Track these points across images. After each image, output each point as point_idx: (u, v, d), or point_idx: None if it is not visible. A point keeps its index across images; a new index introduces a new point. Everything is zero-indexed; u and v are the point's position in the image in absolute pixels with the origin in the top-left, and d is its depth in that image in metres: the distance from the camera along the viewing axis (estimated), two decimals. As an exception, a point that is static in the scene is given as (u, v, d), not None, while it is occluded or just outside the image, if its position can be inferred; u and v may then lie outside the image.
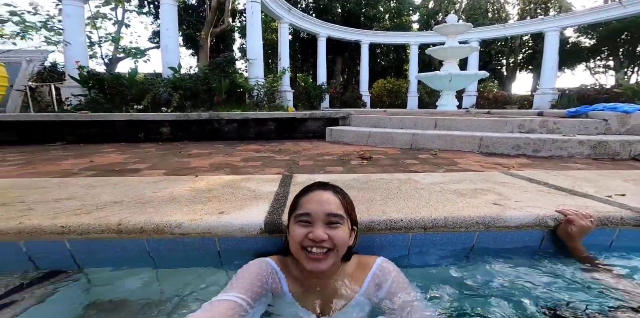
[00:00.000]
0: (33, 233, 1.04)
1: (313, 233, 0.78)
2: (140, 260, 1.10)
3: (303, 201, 0.85)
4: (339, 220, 0.81)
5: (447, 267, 1.14)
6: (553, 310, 0.86)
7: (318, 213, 0.80)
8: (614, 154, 2.73)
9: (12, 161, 2.83)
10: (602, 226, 1.15)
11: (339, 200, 0.85)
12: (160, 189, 1.48)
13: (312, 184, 0.92)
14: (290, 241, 0.84)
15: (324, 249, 0.78)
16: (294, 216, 0.84)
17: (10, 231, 1.03)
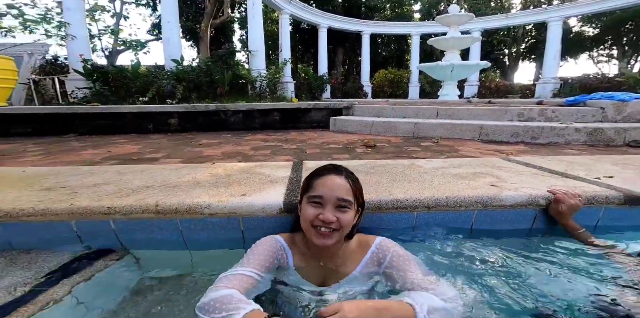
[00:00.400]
0: (83, 213, 1.15)
1: (323, 215, 0.87)
2: (174, 239, 1.22)
3: (317, 183, 0.92)
4: (348, 205, 0.90)
5: (449, 243, 1.25)
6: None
7: (330, 197, 0.88)
8: (609, 141, 2.85)
9: (35, 152, 2.96)
10: (589, 205, 1.27)
11: (349, 186, 0.92)
12: (183, 175, 1.60)
13: (326, 166, 1.00)
14: (302, 219, 0.93)
15: (331, 228, 0.88)
16: (307, 196, 0.92)
17: (63, 212, 1.15)
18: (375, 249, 0.98)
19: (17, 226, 1.16)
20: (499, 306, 0.93)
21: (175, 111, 4.53)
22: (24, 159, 2.62)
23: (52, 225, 1.17)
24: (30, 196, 1.27)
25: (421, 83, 13.95)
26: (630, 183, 1.39)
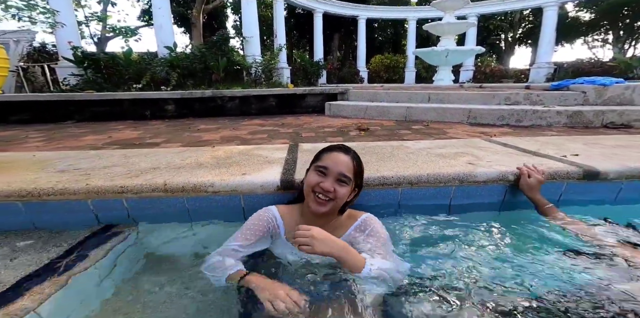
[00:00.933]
0: (98, 192, 1.26)
1: (324, 183, 1.01)
2: (181, 216, 1.35)
3: (325, 156, 1.06)
4: (347, 181, 1.03)
5: (430, 216, 1.41)
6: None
7: (333, 169, 1.02)
8: (588, 123, 3.00)
9: (37, 138, 3.05)
10: (553, 180, 1.41)
11: (352, 165, 1.05)
12: (186, 158, 1.71)
13: (337, 145, 1.12)
14: (306, 183, 1.07)
15: (327, 197, 1.02)
16: (315, 165, 1.07)
17: (80, 191, 1.26)
18: (360, 222, 1.13)
19: (38, 205, 1.26)
20: (470, 274, 1.08)
21: (172, 97, 4.58)
22: (28, 145, 2.71)
23: (70, 203, 1.27)
24: (47, 177, 1.37)
25: (417, 68, 13.91)
26: (592, 160, 1.53)
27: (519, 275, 1.06)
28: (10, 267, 1.02)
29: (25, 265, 1.03)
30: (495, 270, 1.09)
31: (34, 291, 0.90)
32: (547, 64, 11.04)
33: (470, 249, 1.22)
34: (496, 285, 1.00)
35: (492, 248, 1.22)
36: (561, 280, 1.03)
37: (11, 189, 1.23)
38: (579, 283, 1.00)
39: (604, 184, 1.44)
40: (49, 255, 1.10)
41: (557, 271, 1.07)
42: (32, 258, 1.08)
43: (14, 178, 1.37)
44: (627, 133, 2.69)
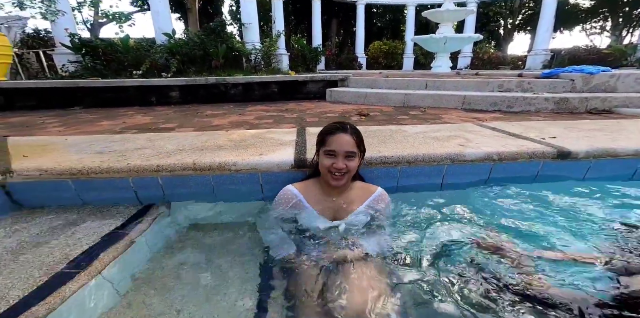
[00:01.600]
0: (138, 171, 1.42)
1: (336, 164, 1.21)
2: (207, 192, 1.54)
3: (329, 140, 1.23)
4: (354, 155, 1.23)
5: (425, 191, 1.64)
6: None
7: (340, 151, 1.21)
8: (573, 109, 3.21)
9: (54, 123, 3.19)
10: (530, 159, 1.62)
11: (354, 140, 1.23)
12: (205, 141, 1.88)
13: (335, 125, 1.26)
14: (321, 166, 1.27)
15: (342, 173, 1.23)
16: (324, 150, 1.24)
17: (122, 169, 1.42)
18: (377, 195, 1.36)
19: (86, 183, 1.43)
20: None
21: (177, 84, 4.69)
22: (49, 129, 2.85)
23: (113, 181, 1.44)
24: (90, 158, 1.53)
25: (416, 54, 13.85)
26: (566, 142, 1.74)
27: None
28: (75, 238, 1.18)
29: (89, 235, 1.21)
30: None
31: (101, 258, 1.07)
32: (544, 51, 11.08)
33: (458, 219, 1.44)
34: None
35: (478, 217, 1.45)
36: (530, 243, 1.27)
37: (62, 168, 1.40)
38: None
39: (575, 163, 1.66)
40: (106, 227, 1.27)
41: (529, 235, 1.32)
42: (93, 229, 1.25)
43: (59, 158, 1.53)
44: (607, 117, 2.91)
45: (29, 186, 1.41)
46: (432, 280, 1.09)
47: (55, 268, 1.00)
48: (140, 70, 5.55)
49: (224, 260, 1.30)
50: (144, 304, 1.07)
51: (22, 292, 0.89)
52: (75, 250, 1.10)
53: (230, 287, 1.15)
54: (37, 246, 1.13)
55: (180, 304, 1.07)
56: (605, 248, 1.20)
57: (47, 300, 0.85)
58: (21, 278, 0.95)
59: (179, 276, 1.21)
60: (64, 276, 0.96)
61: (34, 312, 0.82)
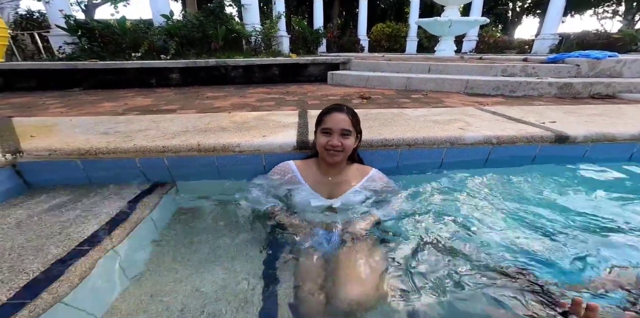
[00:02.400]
0: (144, 151, 1.45)
1: (331, 141, 1.24)
2: (211, 173, 1.57)
3: (326, 119, 1.27)
4: (349, 133, 1.26)
5: (425, 174, 1.67)
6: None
7: (335, 128, 1.24)
8: (576, 94, 3.20)
9: (55, 104, 3.19)
10: (529, 143, 1.64)
11: (349, 119, 1.26)
12: (208, 122, 1.90)
13: (332, 106, 1.30)
14: (317, 144, 1.30)
15: (337, 150, 1.26)
16: (320, 129, 1.28)
17: (129, 150, 1.45)
18: (371, 175, 1.40)
19: (94, 163, 1.46)
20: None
21: (177, 66, 4.63)
22: (51, 110, 2.86)
23: (121, 161, 1.47)
24: (96, 138, 1.55)
25: (419, 37, 13.49)
26: (565, 126, 1.76)
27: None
28: (87, 216, 1.22)
29: (100, 213, 1.24)
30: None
31: (112, 235, 1.10)
32: (552, 35, 10.78)
33: (457, 201, 1.48)
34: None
35: (476, 199, 1.49)
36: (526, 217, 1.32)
37: (71, 148, 1.43)
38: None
39: (572, 146, 1.69)
40: (115, 205, 1.31)
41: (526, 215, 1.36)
42: (102, 208, 1.28)
43: (66, 139, 1.56)
44: (610, 103, 2.90)
45: (39, 165, 1.45)
46: (429, 264, 1.11)
47: (70, 245, 1.03)
48: (138, 52, 5.46)
49: (230, 237, 1.35)
50: (152, 281, 1.13)
51: (41, 268, 0.91)
52: (87, 228, 1.14)
53: (236, 264, 1.20)
54: (49, 223, 1.17)
55: (188, 280, 1.12)
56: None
57: (66, 276, 0.89)
58: (37, 255, 0.97)
59: (186, 253, 1.27)
60: (78, 253, 0.99)
61: (53, 288, 0.85)
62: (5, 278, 0.86)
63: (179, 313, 0.99)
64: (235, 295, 1.05)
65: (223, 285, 1.10)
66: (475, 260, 1.10)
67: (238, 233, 1.39)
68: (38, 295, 0.81)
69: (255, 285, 1.10)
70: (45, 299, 0.81)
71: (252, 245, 1.31)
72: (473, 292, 0.97)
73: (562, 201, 1.45)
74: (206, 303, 1.03)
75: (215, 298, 1.04)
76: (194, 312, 0.99)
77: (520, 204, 1.45)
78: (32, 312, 0.77)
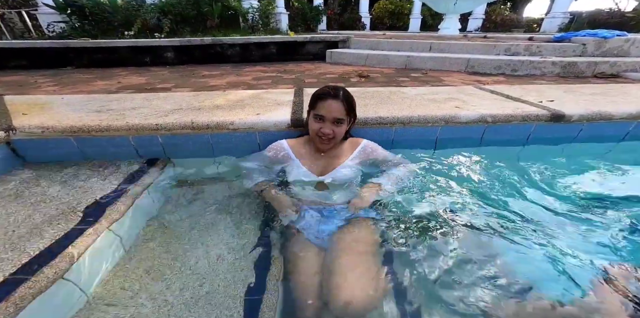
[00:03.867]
0: (138, 129, 1.44)
1: (323, 129, 1.22)
2: (205, 150, 1.57)
3: (320, 105, 1.22)
4: (342, 121, 1.23)
5: (419, 152, 1.66)
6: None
7: (329, 116, 1.21)
8: (579, 73, 3.12)
9: (47, 83, 3.13)
10: (524, 121, 1.62)
11: (344, 107, 1.22)
12: (203, 101, 1.87)
13: (327, 91, 1.22)
14: (310, 130, 1.28)
15: (328, 138, 1.24)
16: (313, 114, 1.24)
17: (122, 128, 1.44)
18: (362, 147, 1.38)
19: (87, 140, 1.46)
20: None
21: (171, 45, 4.51)
22: (43, 89, 2.82)
23: (114, 139, 1.47)
24: (89, 116, 1.54)
25: (423, 15, 12.97)
26: (562, 105, 1.74)
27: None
28: (84, 193, 1.23)
29: (98, 189, 1.26)
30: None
31: (108, 213, 1.10)
32: (562, 13, 10.33)
33: (451, 179, 1.49)
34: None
35: (471, 178, 1.51)
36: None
37: (63, 126, 1.43)
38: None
39: (567, 125, 1.68)
40: (111, 182, 1.31)
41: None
42: (99, 185, 1.29)
43: (58, 116, 1.55)
44: (613, 82, 2.84)
45: (33, 143, 1.45)
46: (428, 261, 1.08)
47: (68, 222, 1.04)
48: (131, 30, 5.30)
49: (225, 214, 1.38)
50: (148, 257, 1.15)
51: (41, 245, 0.92)
52: (82, 205, 1.14)
53: (231, 241, 1.23)
54: (48, 200, 1.18)
55: (183, 257, 1.15)
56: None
57: (63, 254, 0.89)
58: (34, 233, 0.97)
59: (182, 230, 1.29)
60: (76, 231, 0.99)
61: (54, 264, 0.86)
62: (5, 256, 0.87)
63: (177, 290, 1.01)
64: (230, 272, 1.08)
65: (218, 262, 1.12)
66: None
67: (233, 210, 1.41)
68: (38, 271, 0.82)
69: (249, 262, 1.12)
70: (47, 274, 0.82)
71: (246, 221, 1.34)
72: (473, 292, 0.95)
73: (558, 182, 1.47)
74: (203, 279, 1.05)
75: (212, 275, 1.07)
76: (192, 288, 1.02)
77: (520, 185, 1.46)
78: (32, 288, 0.78)
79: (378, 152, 1.40)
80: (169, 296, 0.99)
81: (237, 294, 0.99)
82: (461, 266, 1.03)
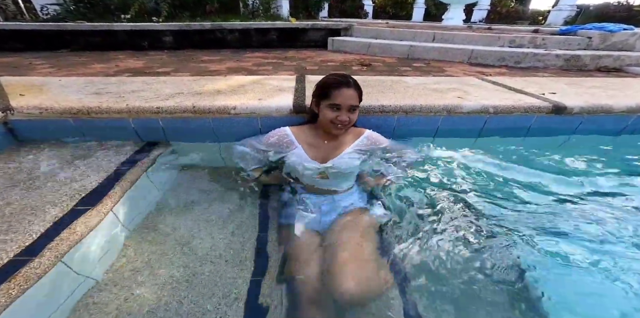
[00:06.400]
0: (138, 112, 1.43)
1: (341, 117, 1.21)
2: (207, 135, 1.55)
3: (334, 94, 1.20)
4: (356, 108, 1.24)
5: (421, 141, 1.66)
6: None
7: (345, 105, 1.20)
8: (583, 66, 3.11)
9: (43, 65, 3.07)
10: (525, 113, 1.62)
11: (357, 94, 1.23)
12: (203, 85, 1.85)
13: (338, 79, 1.23)
14: (323, 118, 1.25)
15: (345, 124, 1.24)
16: (328, 104, 1.22)
17: (122, 110, 1.42)
18: (365, 137, 1.38)
19: (87, 122, 1.44)
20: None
21: (170, 29, 4.42)
22: (39, 71, 2.77)
23: (114, 121, 1.45)
24: (88, 98, 1.52)
25: (427, 4, 12.71)
26: (564, 98, 1.73)
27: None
28: (83, 174, 1.23)
29: (96, 171, 1.25)
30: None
31: (110, 194, 1.10)
32: (569, 6, 10.14)
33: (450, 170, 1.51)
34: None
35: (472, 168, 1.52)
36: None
37: (62, 107, 1.41)
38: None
39: (568, 117, 1.68)
40: (111, 164, 1.31)
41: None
42: (99, 166, 1.29)
43: (56, 98, 1.52)
44: (615, 76, 2.83)
45: (32, 124, 1.44)
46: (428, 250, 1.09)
47: (68, 204, 1.04)
48: (128, 14, 5.17)
49: (225, 198, 1.40)
50: (148, 239, 1.17)
51: (42, 228, 0.92)
52: (84, 186, 1.14)
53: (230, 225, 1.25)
54: (47, 182, 1.17)
55: (185, 238, 1.16)
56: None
57: (64, 236, 0.89)
58: (37, 215, 0.98)
59: (182, 212, 1.30)
60: (78, 212, 1.00)
61: (55, 247, 0.86)
62: (5, 237, 0.88)
63: (180, 270, 1.03)
64: (232, 254, 1.09)
65: (219, 243, 1.14)
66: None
67: (234, 193, 1.42)
68: (39, 253, 0.82)
69: (250, 246, 1.14)
70: (48, 257, 0.83)
71: (246, 205, 1.35)
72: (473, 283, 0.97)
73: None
74: (204, 260, 1.07)
75: (213, 255, 1.08)
76: (193, 268, 1.03)
77: (524, 175, 1.47)
78: (37, 269, 0.79)
79: (380, 141, 1.41)
80: (171, 276, 1.01)
81: (240, 275, 1.01)
82: (461, 256, 1.05)
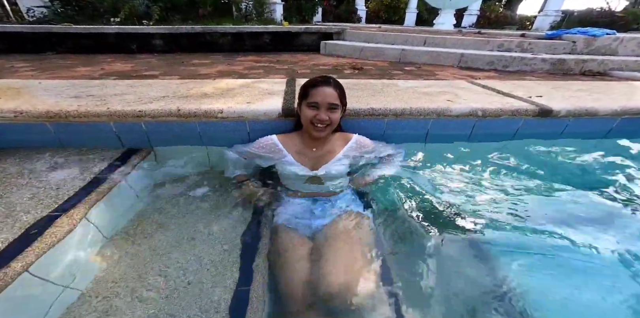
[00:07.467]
0: (120, 116, 1.38)
1: (319, 115, 1.19)
2: (192, 139, 1.51)
3: (312, 92, 1.20)
4: (336, 107, 1.21)
5: (410, 144, 1.65)
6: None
7: (323, 102, 1.18)
8: (568, 70, 3.16)
9: (26, 68, 3.00)
10: (512, 116, 1.62)
11: (336, 93, 1.20)
12: (191, 88, 1.80)
13: (318, 79, 1.22)
14: (303, 118, 1.24)
15: (324, 124, 1.22)
16: (307, 103, 1.21)
17: (103, 114, 1.37)
18: (353, 142, 1.37)
19: (65, 126, 1.39)
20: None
21: (159, 32, 4.38)
22: (21, 73, 2.70)
23: (95, 126, 1.40)
24: (67, 102, 1.46)
25: (419, 10, 12.89)
26: (550, 101, 1.74)
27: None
28: (58, 180, 1.17)
29: (73, 178, 1.19)
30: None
31: (86, 200, 1.06)
32: (555, 12, 10.39)
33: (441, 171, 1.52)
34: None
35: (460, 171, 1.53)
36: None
37: (38, 111, 1.35)
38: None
39: (554, 120, 1.68)
40: (89, 170, 1.26)
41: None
42: (77, 173, 1.24)
43: (33, 101, 1.47)
44: (599, 80, 2.88)
45: (6, 128, 1.38)
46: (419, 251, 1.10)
47: (41, 211, 0.99)
48: (117, 17, 5.11)
49: (209, 205, 1.35)
50: (128, 248, 1.12)
51: (12, 236, 0.87)
52: (59, 193, 1.10)
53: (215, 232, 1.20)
54: (20, 188, 1.12)
55: (167, 248, 1.11)
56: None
57: (35, 245, 0.85)
58: (7, 222, 0.93)
59: (165, 221, 1.25)
60: (50, 219, 0.96)
61: (23, 257, 0.82)
62: None
63: (160, 280, 0.98)
64: (216, 263, 1.05)
65: (201, 256, 1.09)
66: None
67: (219, 201, 1.38)
68: (7, 264, 0.78)
69: (234, 255, 1.09)
70: (13, 267, 0.78)
71: (231, 213, 1.31)
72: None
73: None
74: (187, 270, 1.02)
75: (196, 265, 1.04)
76: (176, 279, 0.99)
77: (512, 178, 1.48)
78: (1, 280, 0.75)
79: (369, 145, 1.39)
80: (152, 287, 0.96)
81: (225, 285, 0.97)
82: (450, 258, 1.05)
